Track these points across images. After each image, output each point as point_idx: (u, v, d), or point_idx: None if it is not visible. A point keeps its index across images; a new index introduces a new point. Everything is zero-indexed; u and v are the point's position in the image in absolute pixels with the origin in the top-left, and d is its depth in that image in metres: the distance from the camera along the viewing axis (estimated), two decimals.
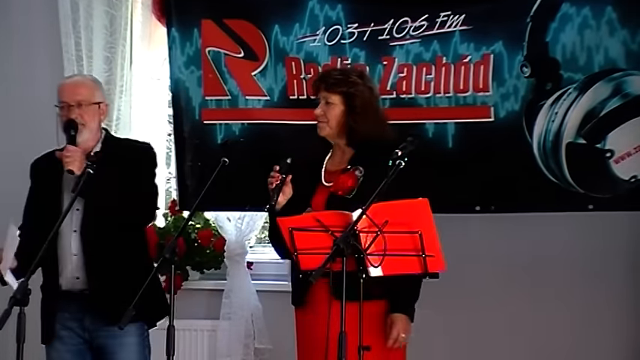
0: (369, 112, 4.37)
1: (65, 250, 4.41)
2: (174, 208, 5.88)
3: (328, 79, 4.38)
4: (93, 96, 4.53)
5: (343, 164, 4.35)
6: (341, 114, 4.34)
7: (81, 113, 4.47)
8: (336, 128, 4.35)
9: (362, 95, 4.36)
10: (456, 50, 5.20)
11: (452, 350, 5.48)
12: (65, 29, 5.84)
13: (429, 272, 3.84)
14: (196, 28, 5.57)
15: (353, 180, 4.27)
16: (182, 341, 5.56)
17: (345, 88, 4.34)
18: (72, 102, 4.47)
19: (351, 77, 4.39)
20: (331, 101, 4.35)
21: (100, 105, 4.54)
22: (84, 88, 4.53)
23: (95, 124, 4.52)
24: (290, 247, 3.91)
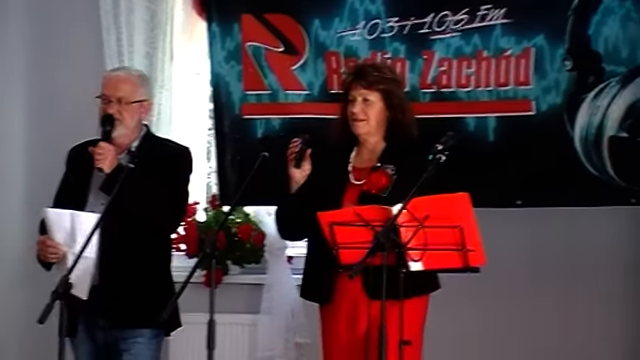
0: (407, 106, 4.37)
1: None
2: (214, 202, 5.89)
3: (367, 77, 4.33)
4: (135, 93, 4.43)
5: (372, 162, 4.32)
6: (380, 112, 4.32)
7: (120, 110, 4.39)
8: (376, 127, 4.34)
9: (398, 91, 4.37)
10: (497, 44, 5.17)
11: (485, 345, 5.44)
12: (106, 25, 5.86)
13: (470, 266, 3.83)
14: (236, 23, 5.58)
15: (387, 178, 4.25)
16: (222, 335, 5.46)
17: (384, 85, 4.32)
18: (112, 97, 4.40)
19: (387, 74, 4.38)
20: (371, 99, 4.32)
21: (142, 102, 4.45)
22: (127, 84, 4.44)
23: (134, 121, 4.43)
24: (330, 241, 3.90)
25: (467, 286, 5.01)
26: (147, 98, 4.50)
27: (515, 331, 5.41)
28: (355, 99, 4.33)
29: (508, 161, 5.14)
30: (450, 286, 4.79)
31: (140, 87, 4.47)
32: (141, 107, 4.45)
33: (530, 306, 5.41)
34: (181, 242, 5.83)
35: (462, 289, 5.16)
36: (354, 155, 4.39)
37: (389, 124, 4.33)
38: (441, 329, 5.34)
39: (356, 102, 4.32)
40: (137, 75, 4.56)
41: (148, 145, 4.44)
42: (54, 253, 4.24)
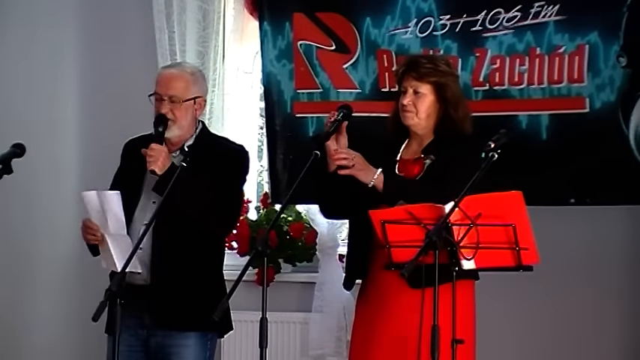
0: (461, 100, 4.33)
1: (133, 241, 4.24)
2: (266, 201, 5.90)
3: (419, 69, 4.28)
4: (187, 91, 4.36)
5: (418, 153, 4.29)
6: (431, 104, 4.29)
7: (172, 108, 4.32)
8: (425, 119, 4.30)
9: (452, 85, 4.31)
10: (550, 41, 5.14)
11: (538, 343, 5.40)
12: (159, 24, 5.89)
13: (523, 265, 3.80)
14: (288, 22, 5.59)
15: (419, 168, 4.22)
16: (274, 333, 5.59)
17: (436, 78, 4.27)
18: (165, 96, 4.34)
19: (440, 66, 4.31)
20: (422, 91, 4.27)
21: (195, 100, 4.38)
22: (179, 82, 4.36)
23: (187, 120, 4.37)
24: (382, 239, 3.89)
25: (520, 284, 5.01)
26: (200, 95, 4.42)
27: (569, 329, 5.36)
28: (407, 90, 4.29)
29: (561, 159, 5.10)
30: (503, 284, 4.78)
31: (193, 84, 4.39)
32: (194, 105, 4.38)
33: (584, 305, 5.36)
34: (233, 240, 5.85)
35: (515, 287, 5.16)
36: (404, 147, 4.35)
37: (440, 117, 4.29)
38: (494, 327, 5.33)
39: (407, 93, 4.28)
40: (190, 72, 4.45)
41: (203, 144, 4.40)
42: (92, 234, 4.23)
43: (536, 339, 5.41)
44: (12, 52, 6.08)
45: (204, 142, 4.42)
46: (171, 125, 4.33)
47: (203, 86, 4.47)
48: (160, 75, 4.44)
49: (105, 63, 6.08)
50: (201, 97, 4.42)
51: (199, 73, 4.50)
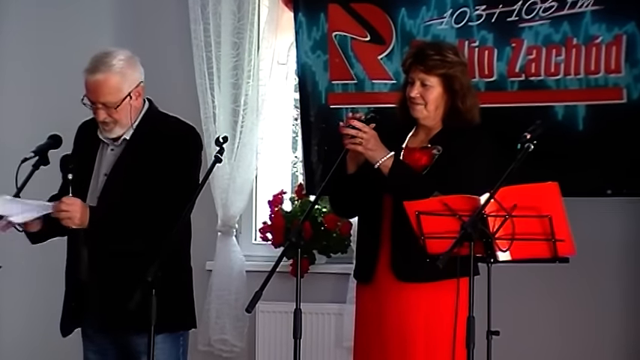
0: (469, 91, 4.29)
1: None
2: (300, 192, 5.90)
3: (427, 61, 4.23)
4: (119, 93, 4.07)
5: (425, 142, 4.27)
6: (439, 96, 4.25)
7: (109, 113, 4.07)
8: (434, 112, 4.27)
9: (461, 75, 4.27)
10: (587, 31, 5.09)
11: (573, 335, 5.36)
12: (194, 15, 5.90)
13: (559, 257, 3.78)
14: (323, 13, 5.58)
15: (427, 158, 4.19)
16: (309, 324, 5.59)
17: (445, 70, 4.23)
18: (97, 103, 4.07)
19: (448, 57, 4.25)
20: (429, 83, 4.23)
21: (130, 94, 4.09)
22: (108, 87, 4.05)
23: (127, 116, 4.10)
24: (417, 230, 3.88)
25: (555, 276, 4.98)
26: (135, 84, 4.12)
27: (604, 323, 5.33)
28: (414, 82, 4.25)
29: (598, 150, 5.05)
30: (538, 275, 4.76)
31: (124, 82, 4.09)
32: (131, 99, 4.11)
33: (618, 296, 5.32)
34: (267, 232, 5.86)
35: (550, 278, 5.13)
36: (411, 135, 4.32)
37: (448, 108, 4.26)
38: (529, 319, 5.32)
39: (414, 85, 4.25)
40: (119, 69, 4.10)
41: (146, 129, 4.15)
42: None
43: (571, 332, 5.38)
44: (48, 42, 6.11)
45: (148, 126, 4.17)
46: (112, 127, 4.11)
47: (136, 72, 4.15)
48: (86, 81, 4.11)
49: (140, 55, 6.04)
50: (138, 85, 4.13)
51: (128, 62, 4.14)
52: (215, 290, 5.85)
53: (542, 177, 3.78)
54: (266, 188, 6.06)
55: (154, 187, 4.07)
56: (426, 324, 4.14)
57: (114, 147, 4.18)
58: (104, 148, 4.20)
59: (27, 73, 6.07)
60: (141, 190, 4.08)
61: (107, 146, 4.19)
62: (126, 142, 4.16)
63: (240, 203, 5.88)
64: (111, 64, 4.11)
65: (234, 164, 5.83)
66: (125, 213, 4.06)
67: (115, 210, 4.06)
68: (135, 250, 4.02)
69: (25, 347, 5.97)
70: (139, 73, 4.18)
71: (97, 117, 4.11)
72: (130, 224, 4.07)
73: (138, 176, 4.10)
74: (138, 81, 4.16)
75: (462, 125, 4.22)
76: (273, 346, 5.71)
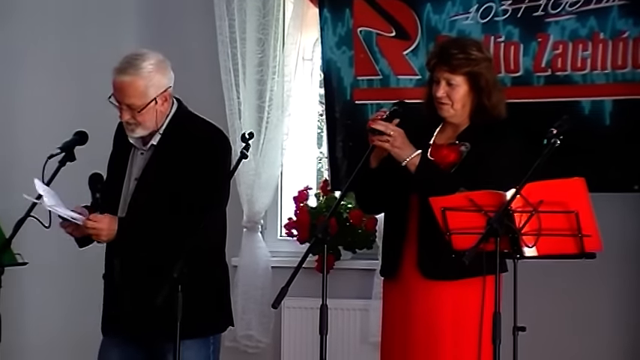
0: (494, 86, 4.25)
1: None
2: (325, 188, 5.90)
3: (451, 60, 4.19)
4: (145, 97, 4.04)
5: (452, 138, 4.24)
6: (465, 95, 4.21)
7: (133, 115, 4.06)
8: (461, 110, 4.23)
9: (486, 71, 4.22)
10: (614, 26, 5.07)
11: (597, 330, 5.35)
12: (219, 12, 5.91)
13: (586, 252, 3.76)
14: (348, 8, 5.58)
15: (456, 155, 4.17)
16: (334, 320, 5.54)
17: (469, 68, 4.18)
18: (122, 104, 4.07)
19: (472, 54, 4.21)
20: (455, 83, 4.19)
21: (156, 99, 4.06)
22: (134, 90, 4.03)
23: (152, 119, 4.08)
24: (442, 226, 3.87)
25: (581, 271, 4.96)
26: (163, 89, 4.10)
27: (631, 320, 5.30)
28: (439, 81, 4.22)
29: (625, 145, 5.03)
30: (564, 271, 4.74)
31: (151, 86, 4.06)
32: (156, 104, 4.08)
33: None
34: (293, 227, 5.87)
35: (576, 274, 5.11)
36: (438, 131, 4.29)
37: (474, 105, 4.23)
38: (556, 315, 5.30)
39: (440, 85, 4.22)
40: (147, 73, 4.07)
41: (175, 132, 4.15)
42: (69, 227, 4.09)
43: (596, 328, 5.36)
44: (73, 39, 6.12)
45: (177, 129, 4.16)
46: (135, 128, 4.10)
47: (165, 78, 4.12)
48: (114, 80, 4.09)
49: (165, 52, 6.04)
50: (165, 90, 4.10)
51: (158, 66, 4.12)
52: (241, 286, 5.86)
53: (568, 172, 3.77)
54: (291, 184, 6.07)
55: (182, 191, 4.08)
56: (452, 321, 4.13)
57: (143, 151, 4.19)
58: (135, 152, 4.21)
59: (53, 71, 6.10)
60: (170, 195, 4.09)
61: (137, 150, 4.21)
62: (154, 147, 4.16)
63: (266, 199, 5.89)
64: (140, 67, 4.08)
65: (259, 160, 5.84)
66: (154, 220, 4.08)
67: (144, 218, 4.08)
68: (166, 255, 4.00)
69: (53, 345, 5.99)
70: (167, 79, 4.14)
71: (121, 117, 4.11)
72: (159, 232, 4.08)
73: (166, 181, 4.10)
74: (166, 86, 4.12)
75: (489, 121, 4.20)
76: (299, 341, 5.72)
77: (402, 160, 4.12)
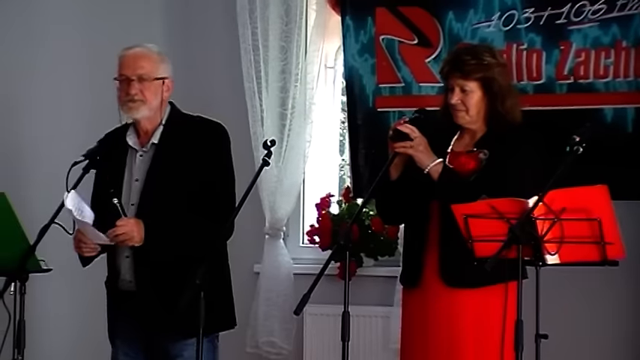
0: (508, 92, 4.22)
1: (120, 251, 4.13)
2: (348, 195, 5.90)
3: (463, 67, 4.17)
4: (156, 70, 4.12)
5: (470, 146, 4.21)
6: (480, 100, 4.19)
7: (142, 89, 4.08)
8: (476, 116, 4.21)
9: (499, 77, 4.19)
10: (636, 33, 5.06)
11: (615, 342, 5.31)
12: (242, 20, 5.92)
13: (608, 260, 3.74)
14: (370, 17, 5.59)
15: (475, 162, 4.13)
16: (356, 327, 5.56)
17: (482, 73, 4.16)
18: (132, 76, 4.08)
19: (485, 59, 4.19)
20: (468, 89, 4.16)
21: (164, 80, 4.13)
22: (147, 60, 4.12)
23: (157, 101, 4.12)
24: (464, 234, 3.86)
25: (604, 278, 4.93)
26: (168, 76, 4.17)
27: None
28: (454, 89, 4.19)
29: None
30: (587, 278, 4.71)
31: (161, 63, 4.16)
32: (163, 86, 4.14)
33: None
34: (315, 234, 5.86)
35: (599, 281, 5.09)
36: (456, 139, 4.27)
37: (488, 111, 4.19)
38: (578, 322, 5.27)
39: (454, 92, 4.19)
40: (156, 51, 4.20)
41: (174, 130, 4.18)
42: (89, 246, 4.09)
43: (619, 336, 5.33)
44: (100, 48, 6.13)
45: (175, 127, 4.19)
46: (140, 106, 4.11)
47: (169, 68, 4.20)
48: (123, 56, 4.16)
49: (189, 59, 6.12)
50: (169, 78, 4.17)
51: (164, 54, 4.23)
52: (263, 293, 5.86)
53: (591, 179, 3.75)
54: (313, 191, 6.06)
55: (196, 187, 4.09)
56: (474, 329, 4.11)
57: (142, 153, 4.19)
58: (133, 155, 4.20)
59: (79, 80, 6.10)
60: (183, 193, 4.09)
61: (136, 152, 4.19)
62: (155, 146, 4.16)
63: (288, 206, 5.89)
64: (150, 45, 4.22)
65: (281, 167, 5.84)
66: (176, 221, 4.08)
67: (167, 220, 4.08)
68: (189, 254, 4.02)
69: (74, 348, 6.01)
70: (171, 69, 4.21)
71: (128, 91, 4.09)
72: (183, 231, 4.09)
73: (175, 178, 4.11)
74: (170, 75, 4.18)
75: (506, 127, 4.18)
76: (321, 348, 5.71)
77: (425, 167, 4.11)
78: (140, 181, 4.14)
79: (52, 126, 5.85)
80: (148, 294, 4.11)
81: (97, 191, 4.24)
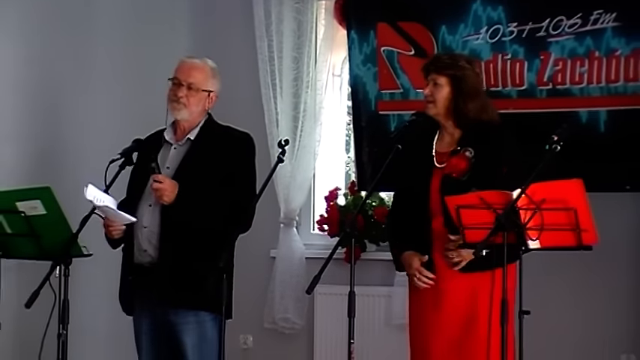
0: (476, 95, 4.16)
1: (138, 222, 4.06)
2: (353, 188, 5.90)
3: (438, 63, 4.19)
4: (205, 82, 4.15)
5: (452, 145, 4.16)
6: (447, 95, 4.14)
7: (187, 95, 4.11)
8: (443, 109, 4.14)
9: (469, 79, 4.15)
10: (608, 45, 5.05)
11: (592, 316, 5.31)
12: (259, 33, 5.92)
13: (583, 245, 3.75)
14: (373, 30, 5.59)
15: (465, 162, 4.08)
16: (361, 305, 5.45)
17: (453, 71, 4.14)
18: (183, 81, 4.12)
19: (459, 62, 4.18)
20: (439, 83, 4.14)
21: (210, 93, 4.16)
22: (199, 72, 4.15)
23: (198, 108, 4.14)
24: (456, 222, 3.86)
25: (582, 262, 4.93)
26: (214, 90, 4.20)
27: (623, 307, 5.27)
28: (428, 82, 4.19)
29: (618, 150, 5.01)
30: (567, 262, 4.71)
31: (212, 78, 4.19)
32: (208, 97, 4.17)
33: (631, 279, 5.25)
34: (324, 223, 5.86)
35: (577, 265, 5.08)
36: (437, 140, 4.22)
37: (457, 108, 4.15)
38: (556, 301, 5.27)
39: (428, 85, 4.18)
40: (210, 67, 4.23)
41: (209, 131, 4.18)
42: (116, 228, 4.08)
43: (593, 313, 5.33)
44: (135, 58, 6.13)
45: (210, 130, 4.20)
46: (182, 108, 4.12)
47: (218, 83, 4.23)
48: (182, 62, 4.22)
49: None
50: (214, 92, 4.20)
51: (217, 70, 4.26)
52: (278, 275, 5.87)
53: (568, 174, 3.75)
54: (323, 185, 6.07)
55: (223, 179, 4.08)
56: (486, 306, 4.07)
57: (177, 146, 4.18)
58: (167, 148, 4.20)
59: (116, 85, 6.08)
60: (209, 182, 4.07)
61: (170, 146, 4.19)
62: (190, 141, 4.16)
63: (300, 198, 5.89)
64: (207, 61, 4.26)
65: (294, 164, 5.84)
66: (205, 196, 4.04)
67: (197, 193, 4.04)
68: (208, 228, 4.00)
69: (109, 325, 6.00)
70: (219, 85, 4.24)
71: (176, 93, 4.12)
72: (209, 206, 4.04)
73: (204, 171, 4.09)
74: (217, 89, 4.22)
75: (484, 126, 4.11)
76: (330, 323, 5.71)
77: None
78: (172, 169, 4.12)
79: (94, 128, 5.86)
80: (166, 267, 4.03)
81: (132, 178, 4.22)
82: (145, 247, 4.08)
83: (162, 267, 4.03)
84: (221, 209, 4.03)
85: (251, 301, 5.70)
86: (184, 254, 4.02)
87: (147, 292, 4.09)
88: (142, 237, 4.08)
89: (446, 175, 4.11)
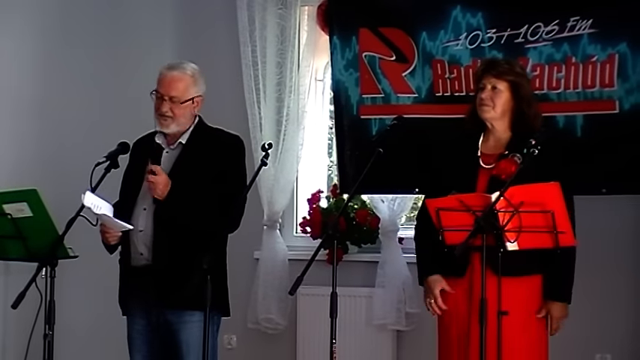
0: (533, 101, 4.23)
1: (134, 226, 4.06)
2: (335, 191, 5.90)
3: (498, 67, 4.21)
4: (187, 92, 4.12)
5: (499, 149, 4.16)
6: (507, 100, 4.17)
7: (172, 107, 4.09)
8: (501, 113, 4.18)
9: (527, 85, 4.23)
10: (584, 51, 5.06)
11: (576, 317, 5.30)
12: (243, 39, 5.91)
13: (561, 247, 3.76)
14: (354, 36, 5.57)
15: (515, 166, 4.05)
16: (343, 306, 5.47)
17: (513, 77, 4.18)
18: (165, 96, 4.10)
19: (516, 68, 4.25)
20: (499, 87, 4.16)
21: (194, 99, 4.14)
22: (180, 83, 4.11)
23: (185, 117, 4.14)
24: (436, 224, 3.87)
25: None
26: (199, 94, 4.18)
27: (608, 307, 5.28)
28: (485, 87, 4.19)
29: (594, 154, 5.02)
30: None
31: (193, 86, 4.15)
32: (193, 104, 4.15)
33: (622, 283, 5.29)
34: (307, 225, 5.86)
35: None
36: (482, 142, 4.22)
37: (514, 114, 4.18)
38: None
39: (485, 89, 4.18)
40: (191, 74, 4.18)
41: (200, 135, 4.18)
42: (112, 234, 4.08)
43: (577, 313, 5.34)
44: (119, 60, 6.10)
45: (201, 133, 4.20)
46: (170, 123, 4.12)
47: (202, 85, 4.21)
48: (162, 75, 4.17)
49: None
50: (199, 96, 4.19)
51: (199, 73, 4.23)
52: (262, 276, 5.86)
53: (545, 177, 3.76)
54: (305, 188, 6.06)
55: (214, 180, 4.08)
56: None
57: (169, 150, 4.18)
58: (158, 152, 4.19)
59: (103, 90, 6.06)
60: (201, 183, 4.08)
61: (162, 150, 4.19)
62: (182, 145, 4.17)
63: (283, 201, 5.89)
64: (187, 68, 4.21)
65: (277, 167, 5.84)
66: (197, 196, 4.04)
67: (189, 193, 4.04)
68: (200, 228, 4.00)
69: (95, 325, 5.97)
70: (203, 86, 4.23)
71: (160, 109, 4.12)
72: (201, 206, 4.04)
73: (196, 173, 4.10)
74: (201, 92, 4.20)
75: (529, 132, 4.07)
76: (312, 324, 5.71)
77: None
78: (165, 172, 4.10)
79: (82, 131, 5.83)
80: (162, 268, 4.04)
81: (125, 181, 4.23)
82: (141, 250, 4.10)
83: (158, 268, 4.04)
84: (212, 209, 4.03)
85: (235, 302, 5.64)
86: (179, 255, 4.02)
87: (143, 293, 4.10)
88: (138, 240, 4.10)
89: (494, 176, 4.09)
